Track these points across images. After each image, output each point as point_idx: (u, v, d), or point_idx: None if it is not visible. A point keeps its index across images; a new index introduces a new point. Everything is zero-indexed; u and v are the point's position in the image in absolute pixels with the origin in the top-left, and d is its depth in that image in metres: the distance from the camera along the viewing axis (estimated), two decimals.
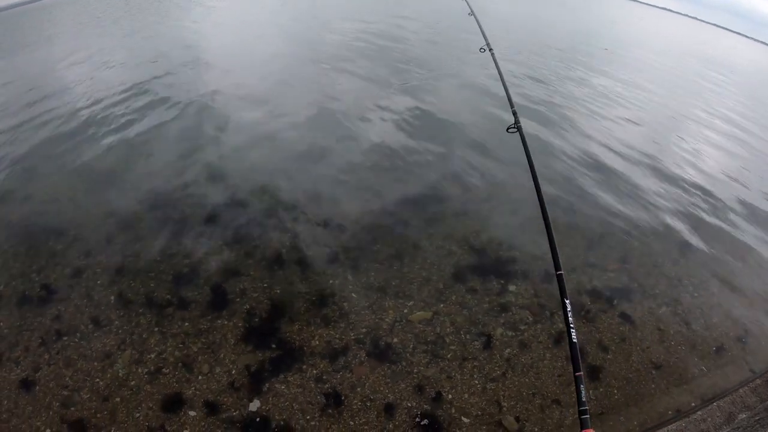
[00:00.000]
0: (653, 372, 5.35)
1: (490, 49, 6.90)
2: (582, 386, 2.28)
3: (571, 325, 2.57)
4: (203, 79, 14.77)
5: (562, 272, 2.81)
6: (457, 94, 14.40)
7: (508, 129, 4.58)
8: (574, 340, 2.52)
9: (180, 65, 16.24)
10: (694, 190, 9.77)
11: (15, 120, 11.91)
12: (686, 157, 11.76)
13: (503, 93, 5.42)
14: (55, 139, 10.59)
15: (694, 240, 7.88)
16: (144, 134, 10.62)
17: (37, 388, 5.09)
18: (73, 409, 4.87)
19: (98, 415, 4.80)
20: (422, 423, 4.69)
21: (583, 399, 2.24)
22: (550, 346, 5.55)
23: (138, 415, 4.79)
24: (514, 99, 5.20)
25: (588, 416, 2.20)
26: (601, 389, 5.13)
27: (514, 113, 4.84)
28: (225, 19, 27.70)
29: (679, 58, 35.75)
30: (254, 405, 4.84)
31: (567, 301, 2.68)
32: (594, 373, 5.29)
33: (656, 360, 5.48)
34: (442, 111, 12.36)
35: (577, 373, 2.35)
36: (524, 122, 4.69)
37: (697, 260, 7.37)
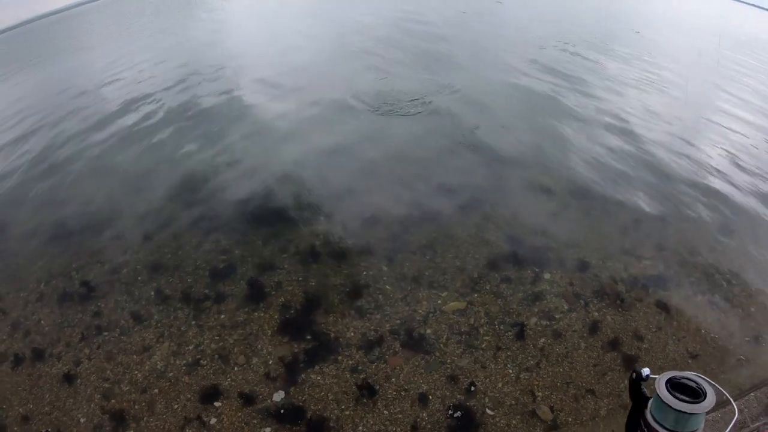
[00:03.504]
0: (689, 361, 5.25)
1: None
2: None
3: None
4: (233, 78, 14.82)
5: None
6: (491, 82, 14.25)
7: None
8: None
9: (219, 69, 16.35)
10: (732, 177, 9.53)
11: (59, 133, 12.14)
12: (724, 145, 11.46)
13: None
14: (90, 142, 10.82)
15: (732, 226, 7.70)
16: (176, 135, 10.88)
17: (78, 381, 5.29)
18: (113, 401, 5.04)
19: (137, 407, 4.96)
20: (455, 415, 4.73)
21: None
22: (585, 335, 5.51)
23: (176, 406, 4.94)
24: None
25: None
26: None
27: None
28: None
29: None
30: (278, 395, 4.95)
31: None
32: (629, 362, 5.25)
33: (692, 349, 5.39)
34: (475, 99, 12.23)
35: None
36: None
37: (734, 247, 7.20)
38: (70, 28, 42.63)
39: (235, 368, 5.24)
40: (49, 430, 4.87)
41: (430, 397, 4.89)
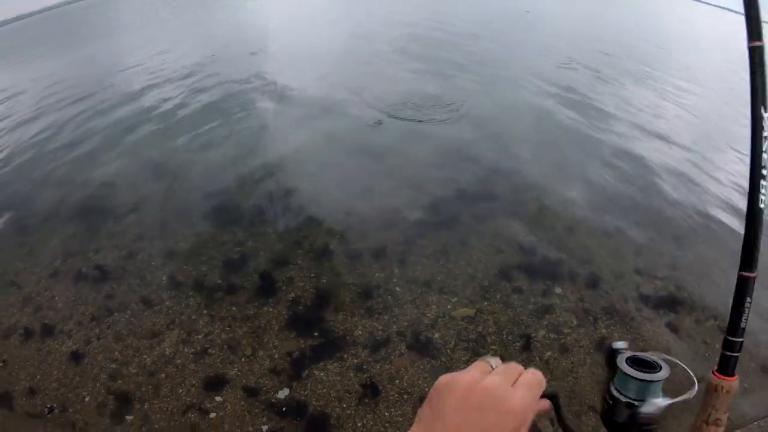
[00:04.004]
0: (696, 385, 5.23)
1: None
2: (749, 300, 1.39)
3: (765, 173, 1.39)
4: (260, 74, 14.90)
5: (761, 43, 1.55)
6: (515, 91, 14.24)
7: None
8: (761, 205, 1.41)
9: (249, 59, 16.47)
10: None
11: (78, 108, 12.28)
12: (744, 173, 11.30)
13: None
14: (114, 127, 10.94)
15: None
16: (201, 126, 10.93)
17: (86, 360, 5.37)
18: (119, 381, 5.11)
19: (143, 389, 5.03)
20: None
21: (743, 324, 1.37)
22: (591, 351, 5.48)
23: (181, 391, 4.99)
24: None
25: (737, 355, 1.45)
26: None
27: None
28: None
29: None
30: (283, 393, 4.98)
31: (765, 114, 1.49)
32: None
33: (699, 374, 5.33)
34: (497, 107, 12.22)
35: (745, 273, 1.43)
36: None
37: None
38: (99, 13, 42.99)
39: (242, 359, 5.29)
40: (54, 405, 4.94)
41: None
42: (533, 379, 0.91)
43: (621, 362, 1.12)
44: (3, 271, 6.67)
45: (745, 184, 1.32)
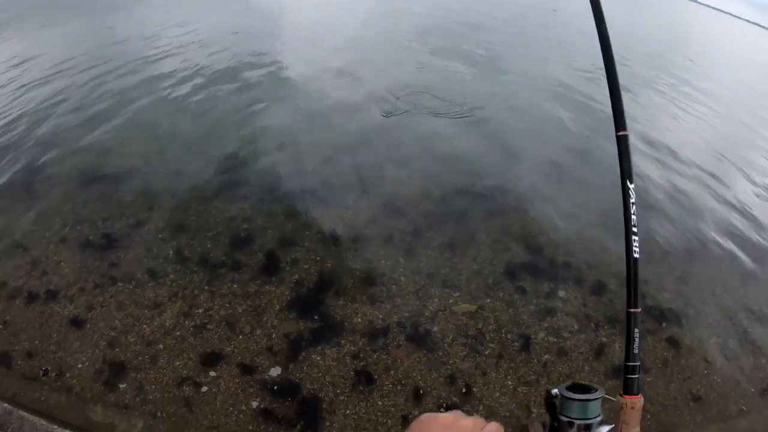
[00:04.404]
0: (691, 404, 5.18)
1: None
2: (637, 330, 1.54)
3: (635, 229, 1.57)
4: (280, 47, 14.89)
5: (626, 132, 1.80)
6: (536, 88, 14.17)
7: None
8: (635, 255, 1.57)
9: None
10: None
11: (97, 76, 12.31)
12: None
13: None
14: (131, 96, 10.95)
15: (760, 274, 7.54)
16: (219, 100, 10.96)
17: (87, 326, 5.41)
18: (117, 350, 5.14)
19: (140, 358, 5.06)
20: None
21: (635, 350, 1.54)
22: (590, 358, 5.47)
23: (177, 363, 5.02)
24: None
25: (638, 376, 1.55)
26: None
27: None
28: None
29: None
30: (275, 371, 5.02)
31: (631, 186, 1.66)
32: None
33: (696, 391, 5.30)
34: (515, 104, 12.14)
35: (631, 309, 1.56)
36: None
37: (757, 294, 7.06)
38: None
39: (240, 337, 5.31)
40: (49, 368, 4.97)
41: (426, 394, 4.90)
42: (499, 426, 1.10)
43: (561, 389, 1.37)
44: (12, 233, 6.71)
45: (747, 207, 1.44)
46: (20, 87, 11.74)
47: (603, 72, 1.71)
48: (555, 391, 1.41)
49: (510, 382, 5.10)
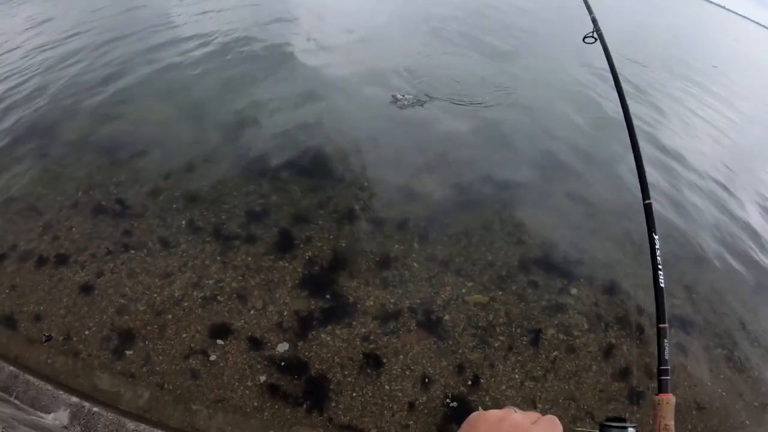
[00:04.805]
0: (694, 412, 5.17)
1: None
2: (666, 340, 2.16)
3: (659, 267, 2.40)
4: (305, 29, 14.80)
5: (650, 201, 2.57)
6: (557, 77, 14.10)
7: (584, 38, 4.35)
8: (661, 285, 2.39)
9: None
10: None
11: (114, 39, 12.27)
12: None
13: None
14: (151, 64, 10.90)
15: None
16: (239, 73, 10.86)
17: (96, 292, 5.41)
18: (126, 317, 5.16)
19: (148, 328, 5.08)
20: (452, 404, 4.75)
21: (666, 357, 2.10)
22: (598, 358, 5.44)
23: (185, 335, 5.03)
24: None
25: (669, 378, 2.05)
26: (638, 415, 5.03)
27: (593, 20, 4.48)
28: None
29: None
30: (282, 346, 5.04)
31: (656, 237, 2.50)
32: (634, 397, 5.18)
33: (700, 401, 5.27)
34: (535, 105, 12.04)
35: (661, 325, 2.22)
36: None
37: (766, 307, 7.06)
38: None
39: (251, 312, 5.31)
40: (53, 334, 4.99)
41: (434, 382, 4.89)
42: (552, 422, 1.08)
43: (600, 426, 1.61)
44: (26, 195, 6.69)
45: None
46: (37, 48, 11.71)
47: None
48: None
49: (517, 376, 5.09)
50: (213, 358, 4.85)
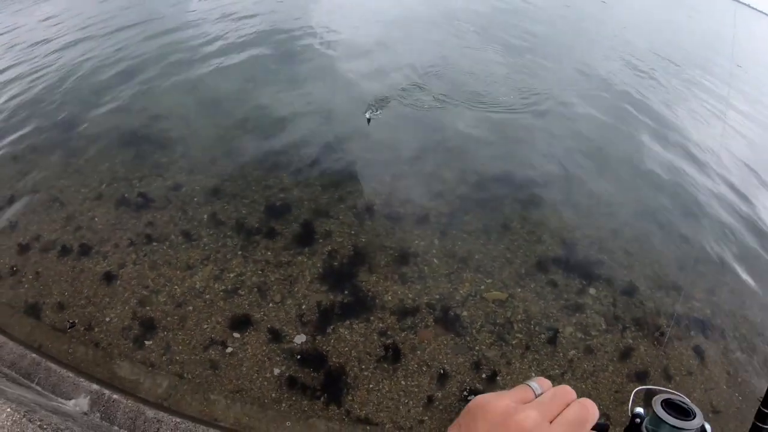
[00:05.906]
0: (710, 415, 5.08)
1: None
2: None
3: None
4: (332, 27, 14.79)
5: None
6: (582, 89, 14.00)
7: None
8: None
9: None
10: None
11: (137, 35, 12.37)
12: None
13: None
14: (173, 58, 10.98)
15: None
16: (261, 69, 10.93)
17: (118, 283, 5.49)
18: (147, 308, 5.22)
19: (169, 319, 5.14)
20: (469, 399, 4.74)
21: None
22: (615, 359, 5.42)
23: (206, 326, 5.08)
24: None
25: None
26: None
27: None
28: None
29: None
30: (300, 338, 5.08)
31: None
32: (650, 398, 5.14)
33: (716, 404, 5.22)
34: (556, 108, 11.96)
35: None
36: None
37: None
38: None
39: (270, 305, 5.35)
40: (76, 321, 5.07)
41: (450, 378, 4.90)
42: (580, 413, 0.82)
43: (656, 405, 1.17)
44: (50, 187, 6.78)
45: None
46: (58, 43, 11.84)
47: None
48: (639, 410, 1.25)
49: (534, 374, 5.06)
50: (232, 349, 4.90)
